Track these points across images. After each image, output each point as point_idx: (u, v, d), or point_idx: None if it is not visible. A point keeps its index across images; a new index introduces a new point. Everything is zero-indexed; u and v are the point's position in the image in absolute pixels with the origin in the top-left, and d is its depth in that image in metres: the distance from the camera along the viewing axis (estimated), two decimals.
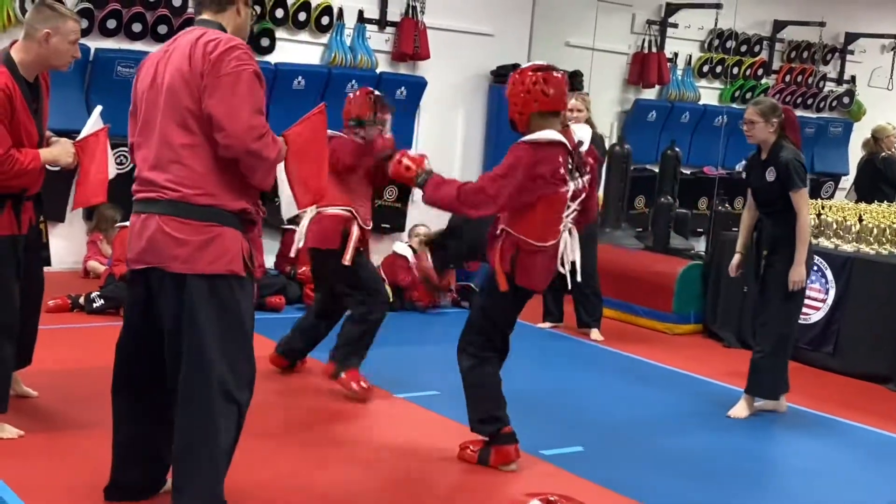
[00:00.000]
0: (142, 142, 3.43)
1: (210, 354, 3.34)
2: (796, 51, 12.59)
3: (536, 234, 4.39)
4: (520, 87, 4.40)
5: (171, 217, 3.32)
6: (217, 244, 3.32)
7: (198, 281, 3.32)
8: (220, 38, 3.32)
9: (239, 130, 3.23)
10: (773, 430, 5.69)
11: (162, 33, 8.28)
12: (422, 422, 5.29)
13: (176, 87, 3.31)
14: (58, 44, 4.23)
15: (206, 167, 3.31)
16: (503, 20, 10.38)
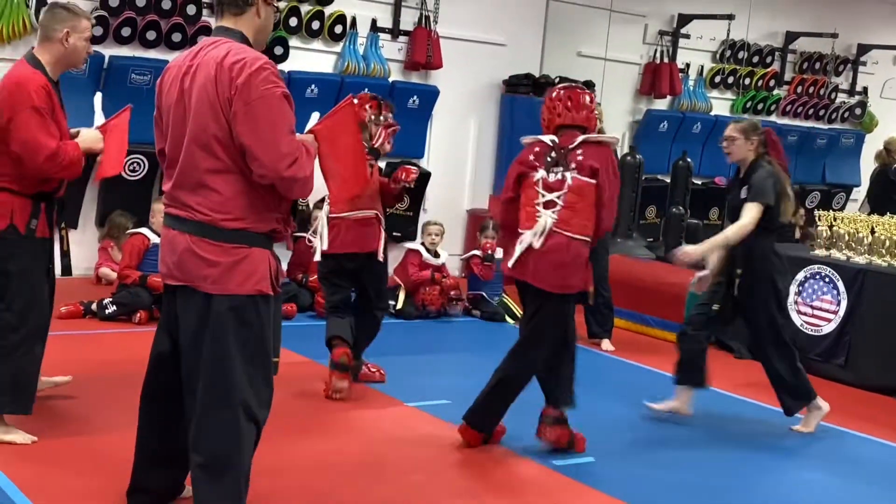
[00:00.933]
0: (170, 159, 3.40)
1: (235, 376, 3.34)
2: (808, 62, 12.58)
3: (521, 221, 4.88)
4: (548, 105, 4.98)
5: (200, 238, 3.31)
6: (246, 265, 3.32)
7: (226, 301, 3.32)
8: (245, 59, 3.25)
9: (272, 160, 3.20)
10: (784, 442, 5.67)
11: (176, 41, 8.33)
12: (433, 431, 5.29)
13: (202, 112, 3.26)
14: (75, 42, 4.43)
15: (233, 192, 3.29)
16: (516, 30, 10.40)
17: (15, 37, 7.75)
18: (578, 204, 4.76)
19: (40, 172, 4.32)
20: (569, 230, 4.75)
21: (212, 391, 3.35)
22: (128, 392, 4.95)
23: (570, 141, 4.84)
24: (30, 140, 4.26)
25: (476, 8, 10.13)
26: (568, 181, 4.76)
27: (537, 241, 4.73)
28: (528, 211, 4.83)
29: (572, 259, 4.76)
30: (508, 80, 10.38)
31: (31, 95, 4.27)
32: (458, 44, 9.93)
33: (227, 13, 3.44)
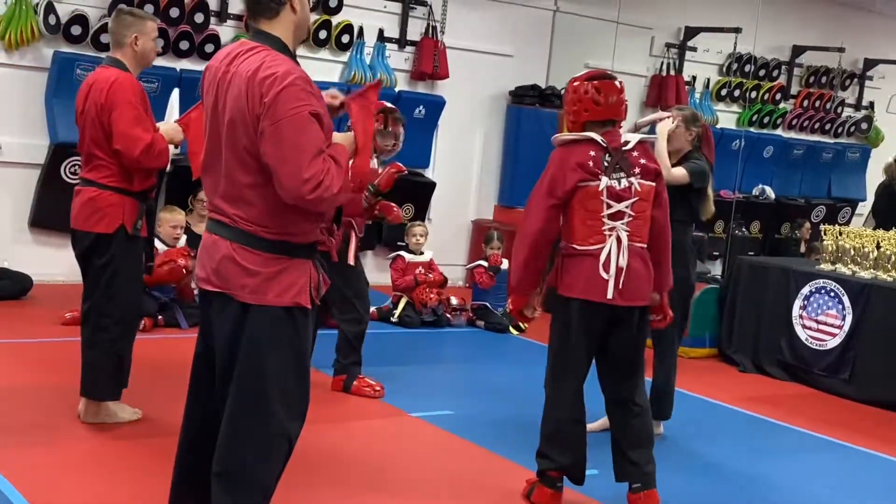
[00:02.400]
0: (209, 167, 3.35)
1: (268, 389, 3.25)
2: (815, 76, 12.59)
3: (576, 236, 4.30)
4: (572, 96, 4.40)
5: (241, 246, 3.23)
6: (285, 276, 3.24)
7: (264, 312, 3.24)
8: (276, 74, 3.13)
9: (294, 185, 3.10)
10: (789, 456, 5.65)
11: (184, 49, 8.37)
12: (435, 441, 5.28)
13: (235, 125, 3.19)
14: (144, 44, 4.75)
15: (271, 205, 3.20)
16: (522, 41, 10.42)
17: (23, 43, 7.77)
18: (647, 211, 4.36)
19: (137, 164, 4.62)
20: (641, 241, 4.34)
21: (242, 401, 3.27)
22: (131, 398, 4.98)
23: (620, 140, 4.34)
24: (125, 132, 4.57)
25: (483, 19, 10.15)
26: (636, 187, 4.30)
27: (623, 259, 4.26)
28: (589, 225, 4.27)
29: (650, 270, 4.38)
30: (515, 91, 10.39)
31: (128, 92, 4.61)
32: (464, 54, 9.95)
33: (262, 19, 3.30)
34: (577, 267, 4.29)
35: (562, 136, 4.40)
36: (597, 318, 4.30)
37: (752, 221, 11.64)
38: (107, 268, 4.69)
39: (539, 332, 8.11)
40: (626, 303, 4.27)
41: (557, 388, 4.42)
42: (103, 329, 4.72)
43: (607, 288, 4.22)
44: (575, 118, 4.39)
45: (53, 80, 7.87)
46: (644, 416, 4.41)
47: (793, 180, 12.37)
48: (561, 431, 4.42)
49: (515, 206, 10.28)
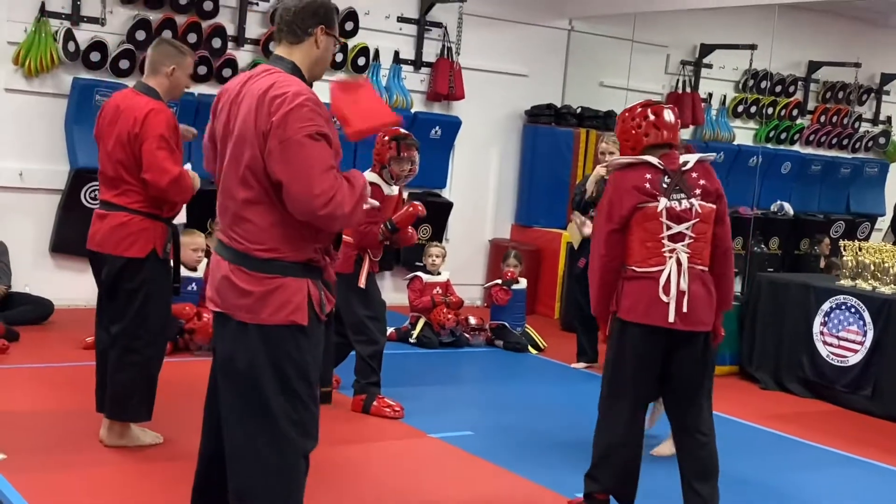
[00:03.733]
0: (218, 180, 3.41)
1: (271, 408, 3.25)
2: (831, 91, 12.56)
3: (635, 258, 4.25)
4: (630, 124, 4.40)
5: (237, 266, 3.28)
6: (278, 295, 3.25)
7: (259, 331, 3.26)
8: (286, 94, 3.18)
9: (304, 201, 3.14)
10: (813, 473, 5.61)
11: (201, 74, 8.40)
12: (456, 463, 5.27)
13: (240, 141, 3.24)
14: (180, 76, 4.82)
15: (267, 222, 3.24)
16: (537, 61, 10.45)
17: (43, 70, 7.85)
18: (708, 233, 4.31)
19: (164, 194, 4.69)
20: (702, 263, 4.28)
21: (247, 422, 3.28)
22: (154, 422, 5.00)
23: (678, 162, 4.32)
24: (157, 164, 4.64)
25: (498, 39, 10.19)
26: (696, 209, 4.26)
27: (684, 282, 4.18)
28: (648, 247, 4.23)
29: (713, 294, 4.30)
30: (530, 110, 10.42)
31: (162, 124, 4.67)
32: (480, 75, 9.99)
33: (284, 41, 3.37)
34: (636, 290, 4.23)
35: (618, 160, 4.44)
36: (654, 343, 4.23)
37: (771, 238, 11.60)
38: (138, 292, 4.74)
39: (558, 351, 8.11)
40: (688, 328, 4.20)
41: (609, 411, 4.36)
42: (135, 351, 4.75)
43: (668, 311, 4.16)
44: (635, 144, 4.38)
45: (73, 106, 7.94)
46: (710, 445, 4.33)
47: (811, 196, 12.33)
48: (610, 455, 4.35)
49: (532, 225, 10.30)
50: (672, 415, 4.40)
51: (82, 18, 8.00)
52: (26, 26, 7.80)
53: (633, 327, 4.23)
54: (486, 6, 9.94)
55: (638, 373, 4.28)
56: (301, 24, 3.34)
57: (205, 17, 8.43)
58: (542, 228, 10.19)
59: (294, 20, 3.35)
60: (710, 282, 4.30)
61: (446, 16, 9.76)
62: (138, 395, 4.79)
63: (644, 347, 4.25)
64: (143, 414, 4.85)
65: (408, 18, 9.61)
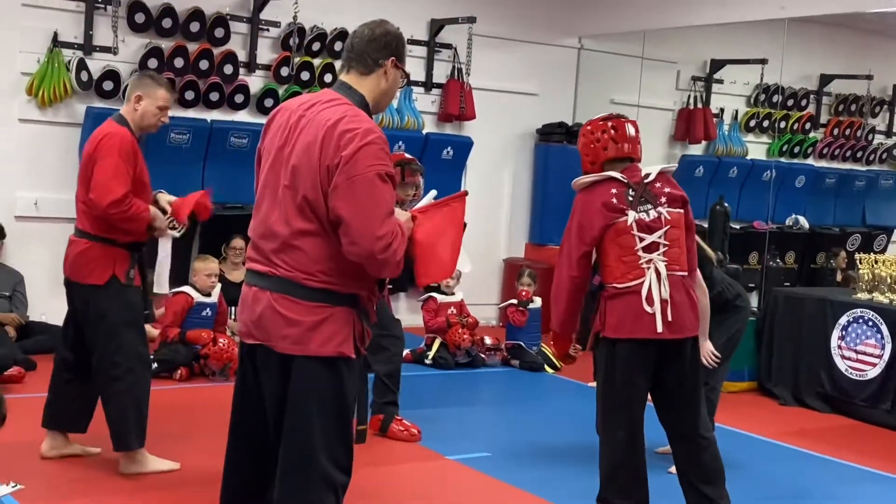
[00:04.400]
0: (260, 205, 3.30)
1: (314, 442, 3.18)
2: (844, 104, 12.52)
3: (614, 275, 4.25)
4: (589, 138, 4.43)
5: (282, 295, 3.17)
6: (328, 325, 3.16)
7: (307, 363, 3.18)
8: (357, 130, 3.10)
9: (366, 242, 3.07)
10: (836, 490, 5.56)
11: (214, 100, 8.46)
12: (473, 484, 5.25)
13: (301, 171, 3.14)
14: (147, 107, 4.74)
15: (320, 255, 3.15)
16: (548, 79, 10.47)
17: (56, 100, 7.91)
18: (681, 238, 4.34)
19: (105, 215, 4.59)
20: (680, 269, 4.29)
21: (290, 456, 3.22)
22: (168, 446, 5.00)
23: (639, 174, 4.35)
24: (101, 182, 4.56)
25: (508, 59, 10.21)
26: (665, 216, 4.29)
27: (665, 290, 4.19)
28: (625, 261, 4.23)
29: (694, 299, 4.32)
30: (542, 129, 10.43)
31: (116, 145, 4.60)
32: (490, 95, 10.01)
33: (354, 70, 3.31)
34: (620, 306, 4.22)
35: (581, 179, 4.40)
36: (645, 357, 4.23)
37: (787, 252, 11.54)
38: (104, 319, 4.70)
39: (575, 370, 8.06)
40: (675, 335, 4.20)
41: (609, 431, 4.34)
42: (117, 379, 4.71)
43: (654, 323, 4.16)
44: (594, 158, 4.41)
45: (87, 135, 7.88)
46: (712, 448, 4.32)
47: (826, 209, 12.27)
48: (617, 474, 4.32)
49: (547, 244, 10.29)
50: (668, 423, 4.38)
51: (94, 48, 8.06)
52: (39, 57, 7.87)
53: (622, 344, 4.22)
54: (495, 27, 9.97)
55: (632, 388, 4.27)
56: (373, 54, 3.29)
57: (216, 44, 8.48)
58: (556, 247, 10.09)
59: (367, 50, 3.30)
60: (690, 286, 4.34)
61: (456, 37, 9.79)
62: (130, 422, 4.73)
63: (635, 362, 4.23)
64: (137, 440, 4.77)
65: (417, 40, 9.65)
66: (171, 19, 8.26)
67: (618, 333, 4.22)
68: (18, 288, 7.63)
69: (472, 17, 9.44)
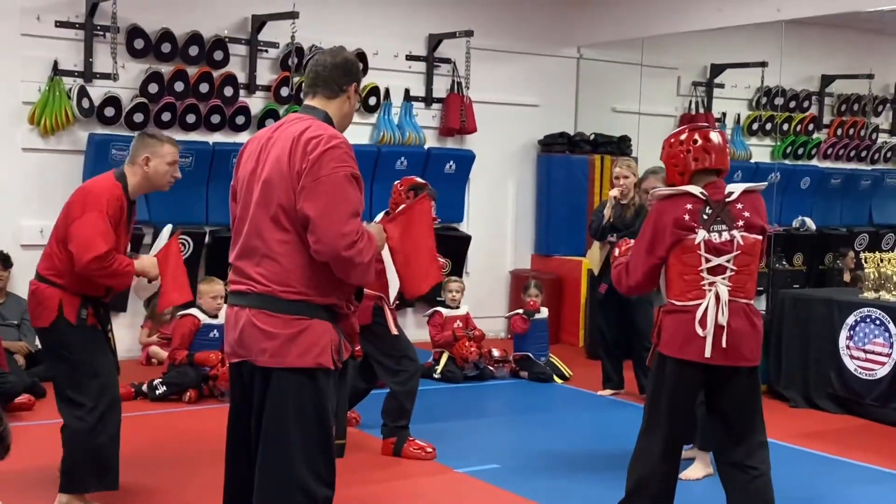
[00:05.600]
0: (238, 228, 3.42)
1: (293, 453, 3.24)
2: (846, 104, 12.51)
3: (674, 292, 4.18)
4: (678, 148, 4.30)
5: (259, 310, 3.27)
6: (306, 337, 3.25)
7: (285, 375, 3.25)
8: (322, 136, 3.26)
9: (330, 238, 3.18)
10: (843, 491, 5.53)
11: (215, 122, 8.51)
12: (484, 497, 5.23)
13: (273, 181, 3.28)
14: (156, 166, 4.66)
15: (296, 264, 3.26)
16: (548, 90, 10.49)
17: (58, 127, 7.96)
18: (751, 265, 4.19)
19: (85, 271, 4.47)
20: (745, 297, 4.17)
21: (269, 468, 3.28)
22: (180, 471, 5.00)
23: (723, 192, 4.21)
24: (85, 237, 4.46)
25: (507, 71, 10.24)
26: (738, 241, 4.15)
27: (723, 316, 4.08)
28: (686, 280, 4.13)
29: (758, 328, 4.21)
30: (544, 139, 10.44)
31: (103, 201, 4.51)
32: (491, 107, 10.03)
33: (320, 95, 3.48)
34: (674, 324, 4.16)
35: (660, 190, 4.34)
36: (691, 378, 4.17)
37: (795, 254, 11.50)
38: (58, 360, 4.60)
39: (584, 379, 8.06)
40: (727, 363, 4.11)
41: (645, 443, 4.30)
42: (79, 419, 4.54)
43: (704, 346, 4.08)
44: (683, 169, 4.26)
45: (90, 161, 8.02)
46: (764, 479, 4.21)
47: (833, 210, 12.24)
48: (645, 486, 4.29)
49: (552, 254, 10.29)
50: (721, 450, 4.30)
51: (95, 75, 8.12)
52: (40, 85, 7.93)
53: (671, 361, 4.17)
54: (493, 39, 10.00)
55: (673, 408, 4.22)
56: (338, 80, 3.47)
57: (216, 67, 8.53)
58: (562, 257, 10.18)
59: (332, 76, 3.47)
60: (754, 315, 4.21)
61: (454, 51, 9.81)
62: (87, 466, 4.55)
63: (680, 382, 4.18)
64: (93, 484, 4.59)
65: (416, 56, 9.68)
66: (170, 44, 8.31)
67: (669, 351, 4.17)
68: (26, 316, 7.65)
69: (470, 31, 9.47)
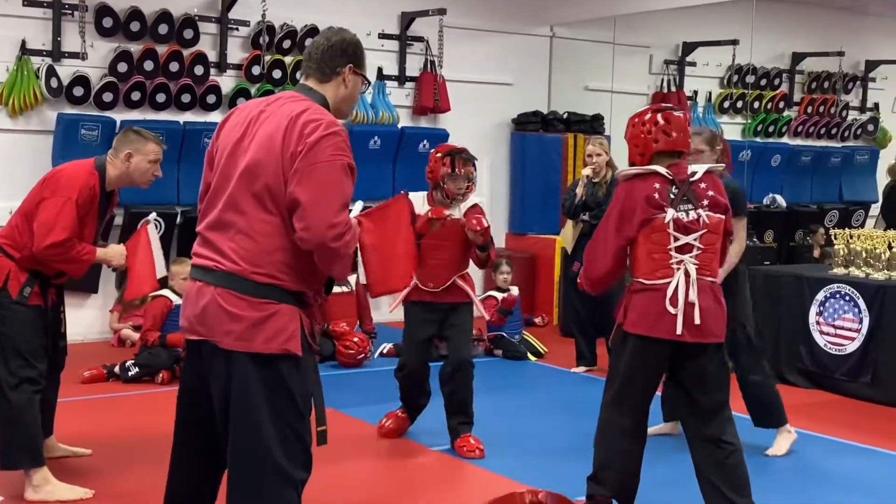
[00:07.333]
0: (213, 198, 3.25)
1: (266, 439, 3.15)
2: (817, 81, 12.59)
3: (642, 270, 4.19)
4: (640, 129, 4.29)
5: (226, 290, 3.14)
6: (274, 322, 3.13)
7: (251, 359, 3.14)
8: (321, 121, 3.14)
9: (320, 227, 3.06)
10: (816, 464, 5.60)
11: (185, 101, 8.45)
12: (459, 475, 5.26)
13: (262, 159, 3.13)
14: (138, 163, 4.66)
15: (272, 246, 3.14)
16: (521, 69, 10.48)
17: (27, 108, 7.88)
18: (716, 244, 4.24)
19: (40, 255, 4.50)
20: (710, 275, 4.21)
21: (242, 455, 3.19)
22: (153, 453, 4.98)
23: (686, 172, 4.25)
24: (46, 222, 4.47)
25: (480, 50, 10.22)
26: (704, 219, 4.18)
27: (693, 293, 4.11)
28: (655, 259, 4.15)
29: (723, 305, 4.24)
30: (517, 118, 10.44)
31: (75, 188, 4.50)
32: (464, 86, 10.01)
33: (313, 77, 3.35)
34: (643, 302, 4.18)
35: (626, 171, 4.32)
36: (660, 355, 4.21)
37: (766, 231, 11.59)
38: None
39: (558, 357, 8.10)
40: (697, 339, 4.14)
41: (612, 419, 4.33)
42: (3, 396, 4.52)
43: (675, 323, 4.11)
44: (644, 150, 4.27)
45: (59, 141, 7.95)
46: (739, 454, 4.24)
47: (803, 187, 12.34)
48: (613, 462, 4.33)
49: (526, 233, 10.31)
50: (690, 426, 4.32)
51: (63, 54, 8.03)
52: (7, 65, 7.84)
53: (639, 339, 4.19)
54: (466, 18, 9.98)
55: (642, 384, 4.27)
56: (330, 62, 3.33)
57: (186, 46, 8.46)
58: (536, 235, 10.20)
59: (323, 58, 3.33)
60: (719, 292, 4.25)
61: (427, 30, 9.79)
62: (15, 442, 4.53)
63: (650, 359, 4.23)
64: (25, 462, 4.55)
65: (389, 34, 9.64)
66: (139, 22, 8.23)
67: (637, 329, 4.18)
68: None
69: (443, 10, 9.44)
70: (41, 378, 4.61)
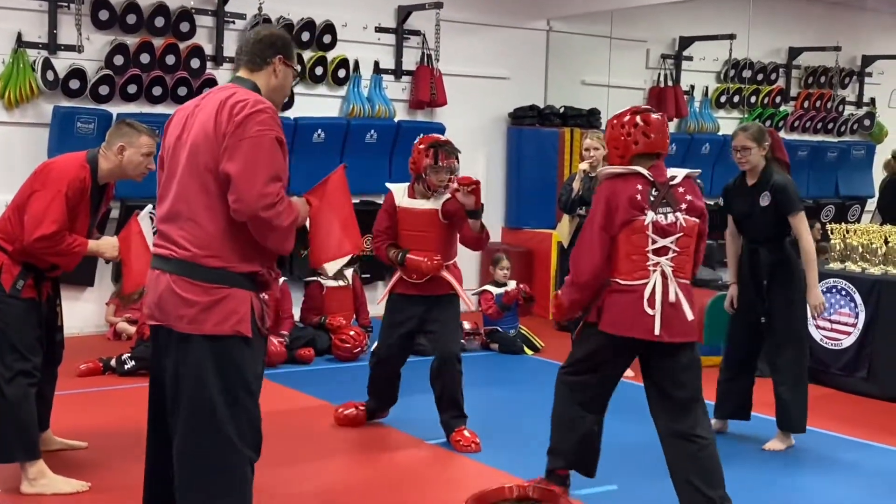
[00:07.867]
0: (163, 194, 3.45)
1: (218, 417, 3.30)
2: (813, 76, 12.60)
3: (619, 271, 4.23)
4: (620, 131, 4.35)
5: (180, 277, 3.32)
6: (224, 305, 3.30)
7: (203, 342, 3.30)
8: (247, 100, 3.32)
9: (250, 197, 3.22)
10: (810, 457, 5.61)
11: (182, 95, 8.41)
12: (455, 468, 5.27)
13: (198, 145, 3.32)
14: (131, 156, 4.65)
15: (218, 228, 3.30)
16: (518, 63, 10.47)
17: (23, 100, 7.86)
18: (690, 247, 4.31)
19: (30, 248, 4.51)
20: (684, 276, 4.28)
21: (194, 433, 3.33)
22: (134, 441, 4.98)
23: (665, 174, 4.31)
24: (36, 215, 4.47)
25: (477, 43, 10.21)
26: (681, 223, 4.25)
27: (672, 294, 4.18)
28: (633, 260, 4.20)
29: (694, 305, 4.26)
30: (514, 112, 10.44)
31: (65, 181, 4.50)
32: (461, 80, 10.00)
33: (244, 68, 3.53)
34: (620, 303, 4.21)
35: (609, 169, 4.35)
36: (632, 352, 4.33)
37: None
38: None
39: (554, 351, 8.10)
40: (676, 339, 4.20)
41: (571, 390, 4.46)
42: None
43: (653, 324, 4.15)
44: (624, 151, 4.32)
45: (55, 134, 7.94)
46: (712, 448, 4.26)
47: (799, 182, 12.14)
48: (571, 429, 4.47)
49: (523, 227, 10.31)
50: (663, 422, 4.33)
51: (59, 47, 8.01)
52: (3, 58, 7.82)
53: (613, 338, 4.25)
54: (462, 12, 9.96)
55: (608, 374, 4.42)
56: (260, 53, 3.51)
57: (182, 39, 8.44)
58: (532, 230, 10.20)
59: (253, 50, 3.51)
60: (691, 293, 4.30)
61: (424, 23, 9.77)
62: (10, 436, 4.54)
63: (622, 357, 4.38)
64: (21, 455, 4.58)
65: (385, 28, 9.63)
66: (136, 15, 8.21)
67: (614, 330, 4.22)
68: None
69: (440, 3, 9.43)
70: (36, 371, 4.62)
